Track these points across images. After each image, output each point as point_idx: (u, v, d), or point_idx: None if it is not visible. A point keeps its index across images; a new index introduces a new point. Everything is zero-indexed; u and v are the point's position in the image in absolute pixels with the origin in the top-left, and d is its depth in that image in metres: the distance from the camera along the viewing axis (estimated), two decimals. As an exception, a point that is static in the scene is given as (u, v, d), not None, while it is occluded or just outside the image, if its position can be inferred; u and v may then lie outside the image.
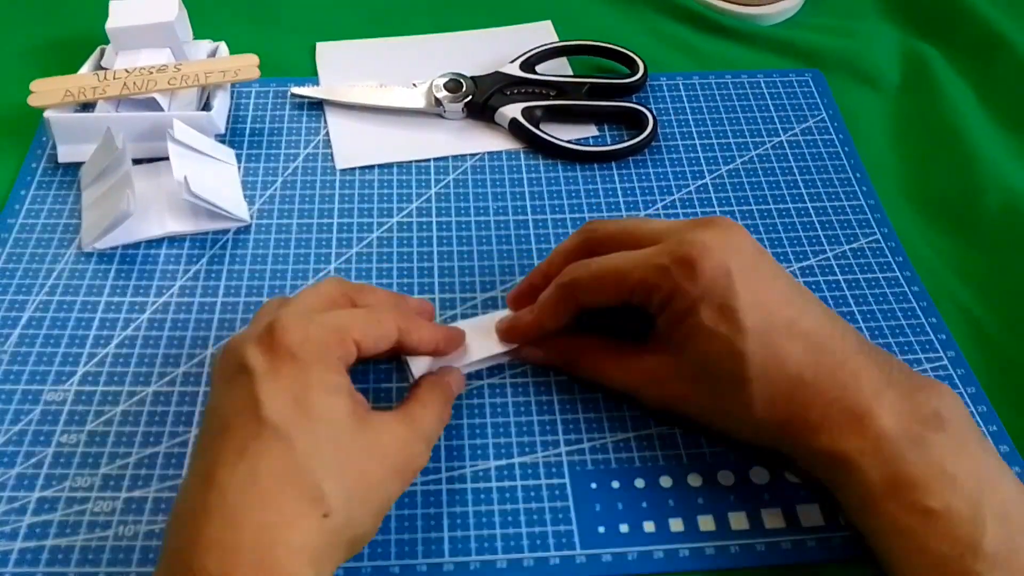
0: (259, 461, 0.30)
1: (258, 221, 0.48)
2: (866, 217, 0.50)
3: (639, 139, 0.52)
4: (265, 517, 0.29)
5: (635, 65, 0.56)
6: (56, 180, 0.49)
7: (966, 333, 0.45)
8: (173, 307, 0.44)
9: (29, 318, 0.43)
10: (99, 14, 0.52)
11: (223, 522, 0.28)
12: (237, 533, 0.28)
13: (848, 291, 0.46)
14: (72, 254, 0.46)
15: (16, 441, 0.39)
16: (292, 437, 0.30)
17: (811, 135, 0.54)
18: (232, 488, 0.29)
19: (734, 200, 0.50)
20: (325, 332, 0.33)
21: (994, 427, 0.41)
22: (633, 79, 0.55)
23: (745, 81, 0.57)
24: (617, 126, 0.54)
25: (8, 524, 0.36)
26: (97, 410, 0.40)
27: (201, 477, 0.30)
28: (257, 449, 0.30)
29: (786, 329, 0.34)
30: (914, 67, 0.58)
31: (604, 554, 0.36)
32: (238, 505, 0.29)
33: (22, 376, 0.41)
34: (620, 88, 0.55)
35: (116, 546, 0.36)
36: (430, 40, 0.60)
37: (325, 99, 0.54)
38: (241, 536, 0.28)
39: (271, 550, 0.28)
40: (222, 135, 0.52)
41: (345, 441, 0.32)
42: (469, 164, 0.52)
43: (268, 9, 0.61)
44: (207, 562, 0.27)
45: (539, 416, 0.41)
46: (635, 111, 0.53)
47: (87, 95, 0.49)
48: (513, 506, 0.38)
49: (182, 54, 0.53)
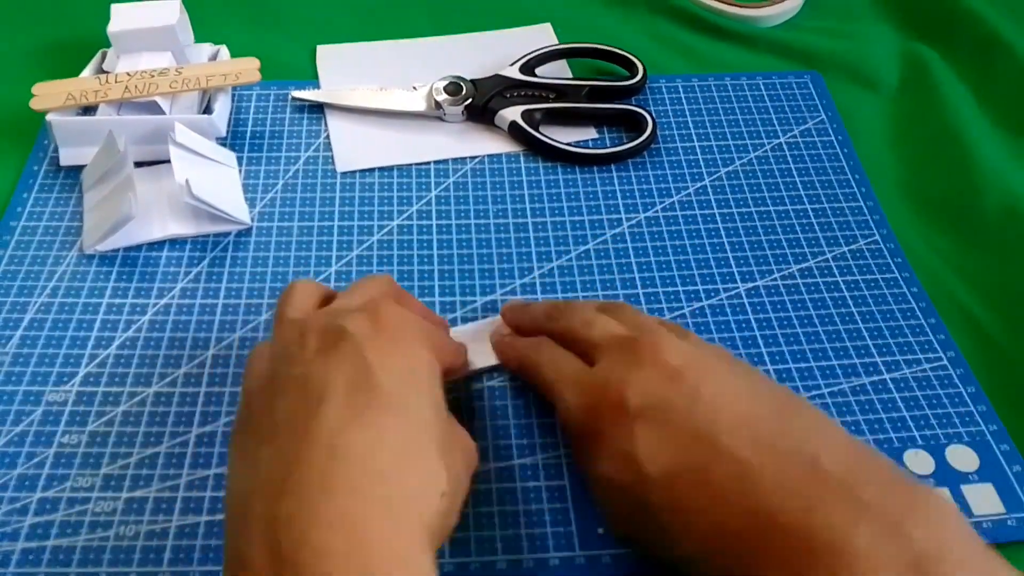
0: (380, 432, 0.27)
1: (259, 224, 0.48)
2: (865, 219, 0.50)
3: (638, 142, 0.52)
4: (388, 492, 0.26)
5: (634, 68, 0.56)
6: (58, 183, 0.50)
7: (965, 333, 0.45)
8: (174, 309, 0.44)
9: (31, 320, 0.43)
10: (101, 18, 0.52)
11: (346, 495, 0.26)
12: (362, 510, 0.25)
13: (847, 292, 0.46)
14: (74, 256, 0.46)
15: (17, 442, 0.39)
16: (408, 408, 0.28)
17: (810, 137, 0.54)
18: (353, 458, 0.26)
19: (733, 202, 0.50)
20: (418, 322, 0.32)
21: (994, 426, 0.41)
22: (632, 81, 0.55)
23: (744, 83, 0.57)
24: (617, 129, 0.54)
25: (9, 525, 0.36)
26: (98, 411, 0.40)
27: (310, 443, 0.27)
28: (374, 418, 0.27)
29: (701, 472, 0.29)
30: (913, 69, 0.58)
31: (603, 555, 0.36)
32: (360, 477, 0.26)
33: (24, 377, 0.41)
34: (619, 91, 0.55)
35: (117, 546, 0.36)
36: (430, 43, 0.60)
37: (325, 102, 0.54)
38: (366, 514, 0.25)
39: (396, 530, 0.26)
40: (223, 138, 0.52)
41: (444, 426, 0.30)
42: (469, 167, 0.52)
43: (269, 13, 0.61)
44: (332, 538, 0.25)
45: (539, 418, 0.41)
46: (634, 113, 0.53)
47: (88, 98, 0.49)
48: (512, 507, 0.38)
49: (183, 57, 0.54)
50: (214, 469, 0.38)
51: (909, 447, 0.40)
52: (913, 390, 0.42)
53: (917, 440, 0.40)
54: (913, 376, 0.43)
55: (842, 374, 0.43)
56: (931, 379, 0.43)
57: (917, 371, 0.43)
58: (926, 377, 0.43)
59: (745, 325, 0.44)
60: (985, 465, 0.39)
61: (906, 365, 0.43)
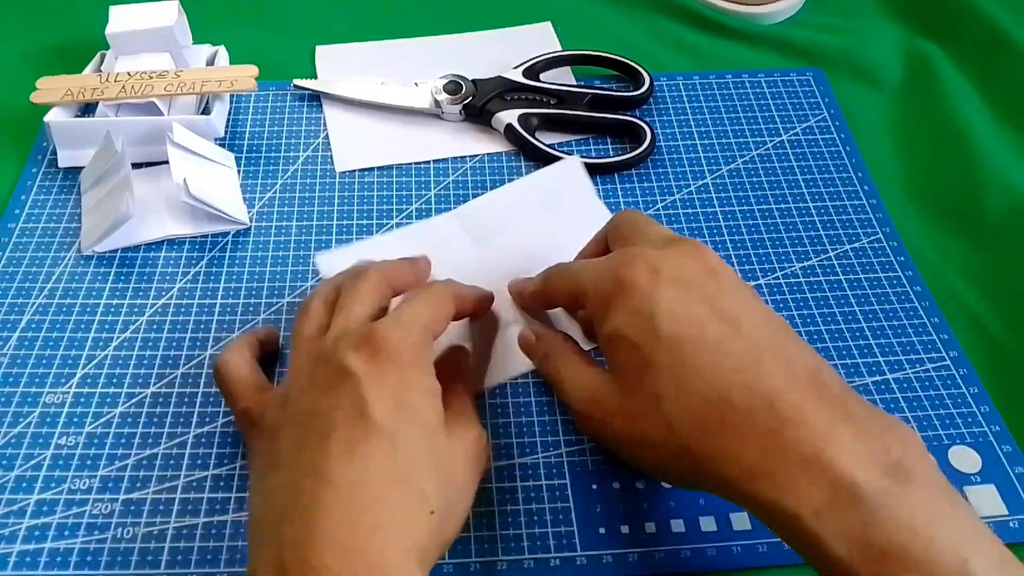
0: (368, 461, 0.30)
1: (257, 224, 0.48)
2: (868, 216, 0.49)
3: (634, 154, 0.51)
4: (378, 517, 0.29)
5: (640, 78, 0.55)
6: (56, 184, 0.50)
7: (969, 333, 0.44)
8: (172, 309, 0.44)
9: (28, 320, 0.43)
10: (99, 19, 0.52)
11: (339, 520, 0.28)
12: (353, 532, 0.28)
13: (850, 291, 0.46)
14: (72, 257, 0.46)
15: (15, 443, 0.39)
16: (397, 437, 0.31)
17: (812, 134, 0.54)
18: (345, 486, 0.29)
19: (735, 200, 0.50)
20: (417, 335, 0.34)
21: (996, 427, 0.40)
22: (637, 93, 0.54)
23: (746, 80, 0.57)
24: (617, 138, 0.53)
25: (7, 526, 0.36)
26: (96, 412, 0.40)
27: (311, 474, 0.30)
28: (365, 450, 0.30)
29: (714, 343, 0.32)
30: (916, 65, 0.58)
31: (605, 555, 0.36)
32: (352, 504, 0.29)
33: (21, 378, 0.41)
34: (623, 101, 0.54)
35: (115, 548, 0.36)
36: (430, 42, 0.60)
37: (324, 92, 0.54)
38: (356, 536, 0.28)
39: (384, 550, 0.28)
40: (221, 138, 0.52)
41: (438, 443, 0.32)
42: (468, 166, 0.51)
43: (267, 13, 0.61)
44: (326, 559, 0.28)
45: (539, 417, 0.40)
46: (632, 125, 0.52)
47: (86, 95, 0.49)
48: (514, 507, 0.37)
49: (181, 59, 0.54)
50: (212, 471, 0.38)
51: (913, 447, 0.40)
52: (916, 390, 0.42)
53: (920, 440, 0.40)
54: (916, 376, 0.42)
55: (844, 374, 0.42)
56: (934, 379, 0.42)
57: (920, 371, 0.42)
58: (929, 377, 0.42)
59: (747, 324, 0.44)
60: (988, 466, 0.39)
61: (909, 365, 0.43)
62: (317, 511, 0.29)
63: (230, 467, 0.38)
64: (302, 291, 0.45)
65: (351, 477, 0.29)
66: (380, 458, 0.30)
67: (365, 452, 0.30)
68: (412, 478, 0.30)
